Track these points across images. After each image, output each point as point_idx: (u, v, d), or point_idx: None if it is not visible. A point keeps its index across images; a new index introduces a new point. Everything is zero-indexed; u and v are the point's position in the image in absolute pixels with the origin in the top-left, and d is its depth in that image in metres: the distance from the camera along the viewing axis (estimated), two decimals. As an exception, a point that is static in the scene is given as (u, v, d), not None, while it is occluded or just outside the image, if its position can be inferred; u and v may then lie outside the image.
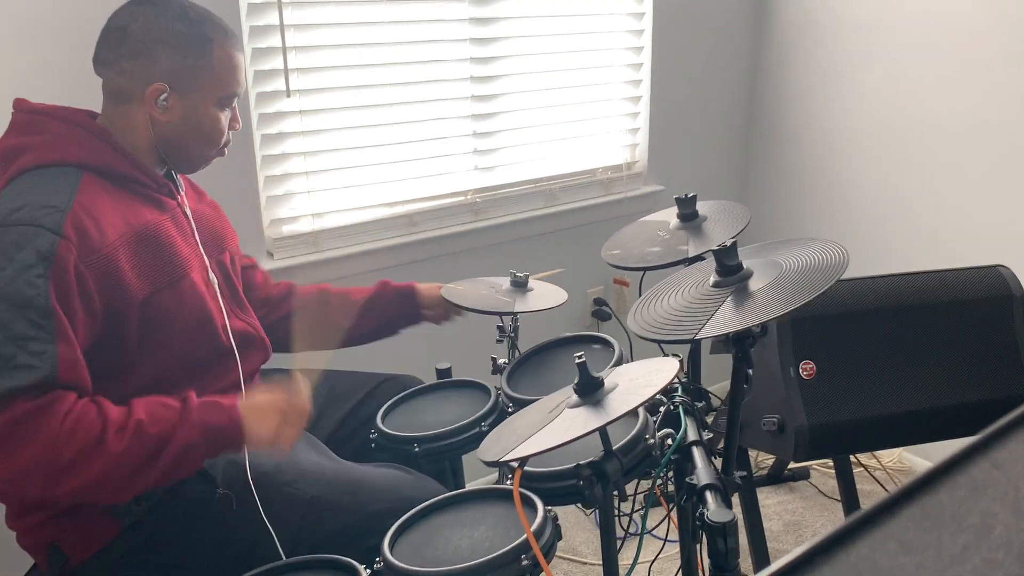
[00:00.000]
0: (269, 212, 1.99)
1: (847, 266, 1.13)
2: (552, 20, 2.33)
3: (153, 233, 1.31)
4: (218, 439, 1.22)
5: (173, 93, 1.31)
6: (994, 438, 0.46)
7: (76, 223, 1.19)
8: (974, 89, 2.24)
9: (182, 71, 1.31)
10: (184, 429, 1.19)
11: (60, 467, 1.12)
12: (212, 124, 1.36)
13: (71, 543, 1.29)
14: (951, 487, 0.43)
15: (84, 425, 1.13)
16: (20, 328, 1.13)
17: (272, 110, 1.93)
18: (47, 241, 1.16)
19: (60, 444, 1.11)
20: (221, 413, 1.23)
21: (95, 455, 1.13)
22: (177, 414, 1.20)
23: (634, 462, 1.19)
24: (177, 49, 1.30)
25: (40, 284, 1.14)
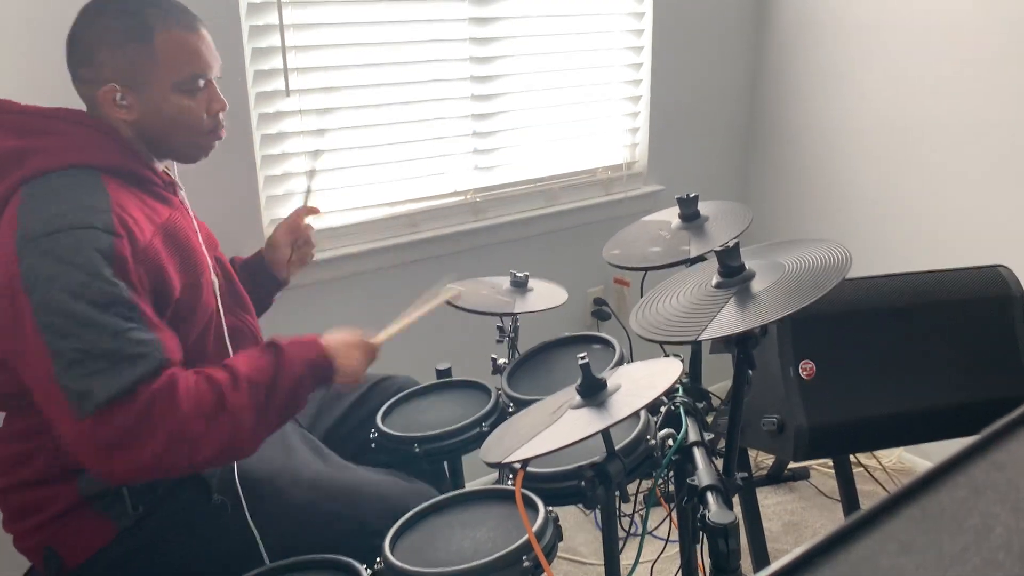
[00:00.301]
0: (269, 212, 1.99)
1: (850, 267, 1.13)
2: (552, 20, 2.33)
3: (174, 229, 1.32)
4: (316, 373, 1.30)
5: (127, 90, 1.27)
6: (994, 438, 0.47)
7: (121, 221, 1.19)
8: (974, 89, 2.24)
9: (126, 67, 1.27)
10: (287, 368, 1.26)
11: (194, 439, 1.17)
12: (180, 111, 1.31)
13: (67, 546, 1.29)
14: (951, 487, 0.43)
15: (202, 396, 1.19)
16: (114, 324, 1.14)
17: (272, 110, 1.93)
18: (105, 241, 1.16)
19: (189, 420, 1.16)
20: (311, 349, 1.31)
21: (221, 419, 1.18)
22: (274, 358, 1.27)
23: (636, 463, 1.19)
24: (117, 46, 1.26)
25: (116, 282, 1.15)
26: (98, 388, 1.12)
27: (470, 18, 2.17)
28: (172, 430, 1.14)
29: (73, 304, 1.12)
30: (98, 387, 1.12)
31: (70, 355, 1.12)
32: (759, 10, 2.73)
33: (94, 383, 1.12)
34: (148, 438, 1.14)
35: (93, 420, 1.12)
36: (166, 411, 1.14)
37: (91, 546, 1.29)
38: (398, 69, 2.08)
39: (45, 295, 1.12)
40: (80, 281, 1.13)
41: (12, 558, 1.40)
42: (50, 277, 1.13)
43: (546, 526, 1.11)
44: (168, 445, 1.15)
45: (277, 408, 1.24)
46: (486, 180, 2.32)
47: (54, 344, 1.12)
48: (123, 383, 1.12)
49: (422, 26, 2.10)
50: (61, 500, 1.27)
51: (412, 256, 2.18)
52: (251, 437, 1.23)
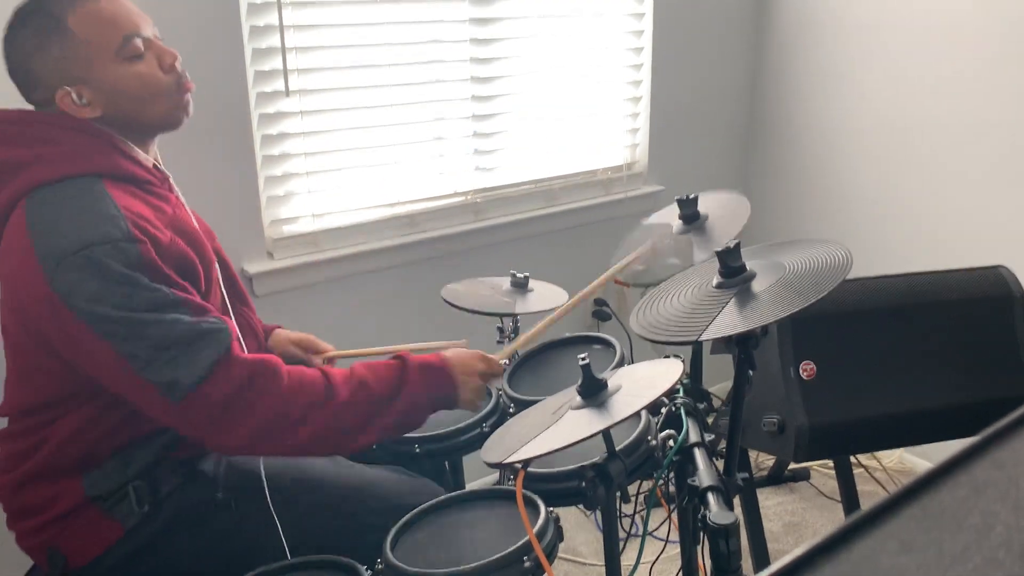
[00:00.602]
0: (269, 212, 1.99)
1: (851, 268, 1.13)
2: (552, 20, 2.33)
3: (181, 225, 1.31)
4: (438, 401, 1.31)
5: (78, 87, 1.23)
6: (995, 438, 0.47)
7: (138, 226, 1.19)
8: (974, 89, 2.24)
9: (61, 66, 1.22)
10: (408, 390, 1.27)
11: (292, 420, 1.19)
12: (135, 80, 1.25)
13: (71, 547, 1.28)
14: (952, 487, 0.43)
15: (308, 380, 1.21)
16: (172, 318, 1.16)
17: (272, 110, 1.93)
18: (132, 252, 1.15)
19: (290, 397, 1.18)
20: (437, 377, 1.31)
21: (321, 410, 1.20)
22: (398, 373, 1.28)
23: (637, 463, 1.19)
24: (39, 52, 1.21)
25: (157, 288, 1.16)
26: (183, 375, 1.15)
27: (470, 19, 2.17)
28: (275, 405, 1.18)
29: (128, 314, 1.14)
30: (182, 375, 1.15)
31: (144, 354, 1.14)
32: (759, 10, 2.73)
33: (177, 372, 1.15)
34: (247, 413, 1.18)
35: (186, 403, 1.16)
36: (266, 386, 1.18)
37: (96, 546, 1.28)
38: (398, 70, 2.08)
39: (95, 312, 1.13)
40: (124, 294, 1.14)
41: (12, 558, 1.40)
42: (92, 296, 1.13)
43: (547, 526, 1.11)
44: (263, 425, 1.18)
45: (389, 419, 1.26)
46: (486, 180, 2.32)
47: (123, 348, 1.14)
48: (205, 363, 1.16)
49: (422, 27, 2.10)
50: (66, 499, 1.27)
51: (412, 256, 2.18)
52: (352, 437, 1.24)
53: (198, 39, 1.76)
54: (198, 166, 1.79)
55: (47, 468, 1.27)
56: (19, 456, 1.29)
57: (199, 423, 1.18)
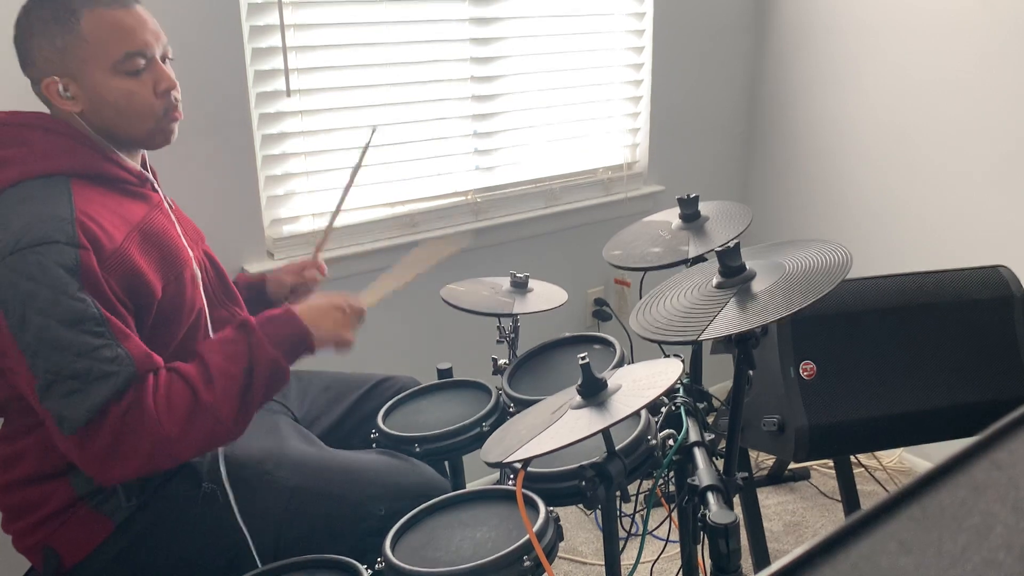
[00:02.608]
0: (269, 212, 1.99)
1: (850, 268, 1.13)
2: (552, 20, 2.33)
3: (152, 228, 1.31)
4: (292, 347, 1.29)
5: (68, 80, 1.24)
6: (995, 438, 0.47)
7: (85, 230, 1.18)
8: (974, 89, 2.24)
9: (59, 55, 1.23)
10: (261, 351, 1.25)
11: (174, 441, 1.18)
12: (123, 95, 1.26)
13: (64, 544, 1.29)
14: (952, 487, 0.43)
15: (175, 397, 1.19)
16: (84, 341, 1.14)
17: (272, 110, 1.93)
18: (70, 255, 1.15)
19: (164, 424, 1.17)
20: (284, 324, 1.29)
21: (198, 415, 1.20)
22: (246, 343, 1.26)
23: (636, 463, 1.19)
24: (45, 36, 1.23)
25: (83, 297, 1.15)
26: (71, 411, 1.14)
27: (471, 18, 2.17)
28: (150, 439, 1.17)
29: (44, 324, 1.13)
30: (71, 410, 1.14)
31: (45, 377, 1.14)
32: (759, 10, 2.73)
33: (67, 406, 1.14)
34: (131, 449, 1.17)
35: (77, 438, 1.16)
36: (139, 422, 1.16)
37: (88, 543, 1.29)
38: (398, 70, 2.08)
39: (18, 315, 1.14)
40: (48, 299, 1.13)
41: (12, 559, 1.40)
42: (20, 296, 1.13)
43: (547, 526, 1.11)
44: (151, 452, 1.18)
45: (258, 390, 1.25)
46: (487, 180, 2.32)
47: (33, 365, 1.14)
48: (93, 404, 1.14)
49: (423, 26, 2.10)
50: (56, 498, 1.28)
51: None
52: (235, 422, 1.23)
53: (198, 39, 1.76)
54: (198, 165, 1.79)
55: (38, 470, 1.28)
56: (7, 460, 1.30)
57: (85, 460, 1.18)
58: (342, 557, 1.17)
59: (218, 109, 1.83)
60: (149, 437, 1.17)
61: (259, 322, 1.29)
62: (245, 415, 1.25)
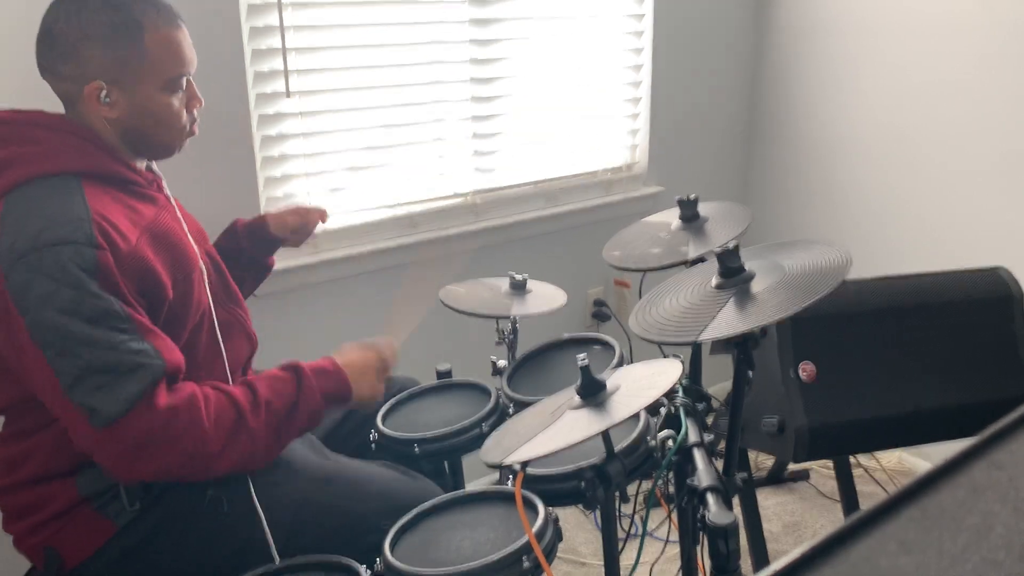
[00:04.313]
0: (270, 213, 1.99)
1: (850, 269, 1.13)
2: (552, 21, 2.33)
3: (159, 229, 1.31)
4: (334, 401, 1.35)
5: (113, 87, 1.25)
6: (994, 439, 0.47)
7: (102, 231, 1.18)
8: (974, 90, 2.24)
9: (116, 64, 1.24)
10: (307, 397, 1.30)
11: (212, 455, 1.20)
12: (164, 110, 1.30)
13: (66, 546, 1.29)
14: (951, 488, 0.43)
15: (223, 413, 1.22)
16: (109, 338, 1.15)
17: (272, 111, 1.93)
18: (88, 256, 1.15)
19: (210, 437, 1.20)
20: (331, 379, 1.34)
21: (239, 439, 1.23)
22: (295, 386, 1.31)
23: (636, 464, 1.19)
24: (105, 41, 1.23)
25: (104, 296, 1.15)
26: (104, 404, 1.14)
27: (470, 20, 2.17)
28: (192, 445, 1.19)
29: (67, 323, 1.13)
30: (104, 404, 1.14)
31: (73, 372, 1.14)
32: (759, 11, 2.73)
33: (99, 400, 1.14)
34: (167, 450, 1.18)
35: (108, 432, 1.15)
36: (189, 426, 1.18)
37: (90, 545, 1.29)
38: (398, 71, 2.08)
39: (37, 315, 1.13)
40: (69, 298, 1.13)
41: (12, 559, 1.40)
42: (39, 296, 1.13)
43: (546, 527, 1.11)
44: (186, 459, 1.19)
45: (293, 431, 1.30)
46: (486, 181, 2.32)
47: (55, 363, 1.14)
48: (126, 396, 1.15)
49: (422, 28, 2.10)
50: (59, 499, 1.27)
51: (412, 256, 2.18)
52: (265, 454, 1.27)
53: (198, 39, 1.75)
54: (198, 167, 1.79)
55: (43, 471, 1.28)
56: (12, 461, 1.30)
57: (113, 455, 1.18)
58: (342, 558, 1.17)
59: (218, 110, 1.82)
60: (190, 444, 1.18)
61: (309, 370, 1.33)
62: (274, 451, 1.29)
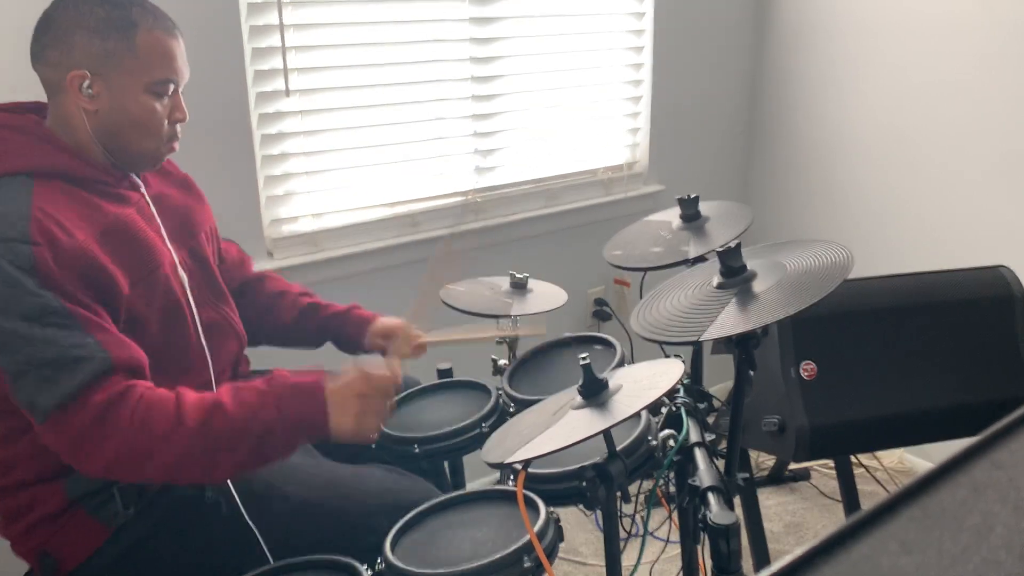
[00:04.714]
0: (269, 212, 1.99)
1: (852, 268, 1.13)
2: (553, 20, 2.33)
3: (121, 227, 1.28)
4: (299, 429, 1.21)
5: (96, 79, 1.24)
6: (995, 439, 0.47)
7: (41, 228, 1.16)
8: (974, 90, 2.24)
9: (102, 55, 1.24)
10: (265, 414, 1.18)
11: (140, 454, 1.15)
12: (145, 112, 1.28)
13: (61, 549, 1.28)
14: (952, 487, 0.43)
15: (156, 412, 1.16)
16: (49, 334, 1.13)
17: (272, 110, 1.93)
18: (23, 252, 1.14)
19: (135, 434, 1.14)
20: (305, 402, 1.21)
21: (169, 441, 1.15)
22: (257, 395, 1.20)
23: (637, 463, 1.19)
24: (96, 32, 1.23)
25: (42, 293, 1.14)
26: (43, 400, 1.13)
27: (470, 18, 2.17)
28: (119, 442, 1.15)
29: (4, 321, 1.12)
30: (43, 399, 1.13)
31: (14, 368, 1.13)
32: (759, 10, 2.73)
33: (40, 395, 1.13)
34: (99, 445, 1.15)
35: (48, 425, 1.14)
36: (113, 423, 1.14)
37: (85, 548, 1.28)
38: (398, 69, 2.08)
39: None
40: (4, 297, 1.12)
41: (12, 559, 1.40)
42: None
43: (547, 527, 1.11)
44: (116, 455, 1.15)
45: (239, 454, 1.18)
46: (487, 180, 2.32)
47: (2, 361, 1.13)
48: (66, 390, 1.13)
49: (422, 26, 2.10)
50: (50, 502, 1.27)
51: (412, 256, 2.18)
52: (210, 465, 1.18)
53: (198, 39, 1.75)
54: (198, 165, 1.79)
55: (32, 474, 1.27)
56: (3, 464, 1.28)
57: (58, 448, 1.17)
58: (342, 558, 1.17)
59: (217, 109, 1.83)
60: (118, 440, 1.14)
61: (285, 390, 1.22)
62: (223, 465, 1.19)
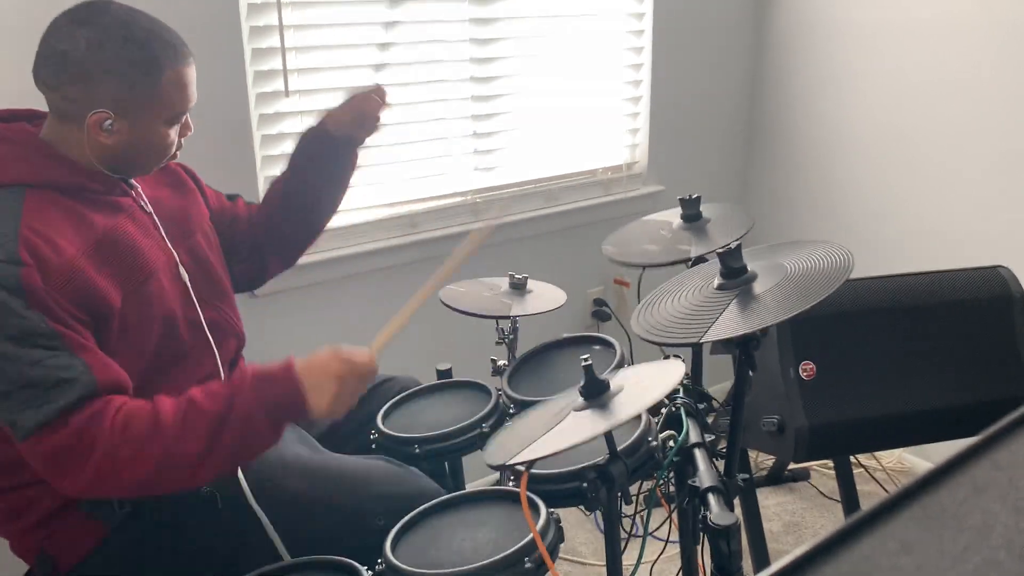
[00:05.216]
0: (270, 213, 1.99)
1: (852, 269, 1.13)
2: (552, 20, 2.33)
3: (112, 238, 1.27)
4: (282, 410, 1.20)
5: (118, 119, 1.24)
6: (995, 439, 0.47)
7: (29, 247, 1.15)
8: (974, 89, 2.24)
9: (127, 99, 1.23)
10: (241, 401, 1.18)
11: (122, 463, 1.14)
12: (161, 140, 1.30)
13: (59, 548, 1.28)
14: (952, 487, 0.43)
15: (135, 420, 1.15)
16: (35, 355, 1.13)
17: (272, 110, 1.93)
18: (11, 274, 1.12)
19: (116, 444, 1.14)
20: (277, 384, 1.21)
21: (151, 444, 1.15)
22: (229, 386, 1.20)
23: (638, 464, 1.19)
24: (123, 78, 1.22)
25: (29, 315, 1.13)
26: (25, 419, 1.13)
27: (470, 19, 2.17)
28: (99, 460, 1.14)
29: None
30: (25, 418, 1.13)
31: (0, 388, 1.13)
32: (759, 11, 2.73)
33: (21, 414, 1.13)
34: (82, 463, 1.14)
35: (28, 444, 1.14)
36: (93, 440, 1.14)
37: (83, 547, 1.28)
38: (398, 70, 2.08)
39: None
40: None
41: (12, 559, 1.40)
42: None
43: (548, 527, 1.11)
44: (98, 469, 1.14)
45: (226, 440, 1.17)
46: (486, 180, 2.32)
47: None
48: (48, 412, 1.12)
49: (422, 27, 2.10)
50: (47, 501, 1.27)
51: (412, 256, 2.18)
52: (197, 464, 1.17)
53: (198, 39, 1.75)
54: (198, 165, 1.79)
55: (30, 476, 1.25)
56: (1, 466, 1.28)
57: (39, 467, 1.17)
58: (342, 558, 1.17)
59: (218, 109, 1.82)
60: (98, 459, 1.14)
61: (254, 376, 1.21)
62: (212, 460, 1.18)
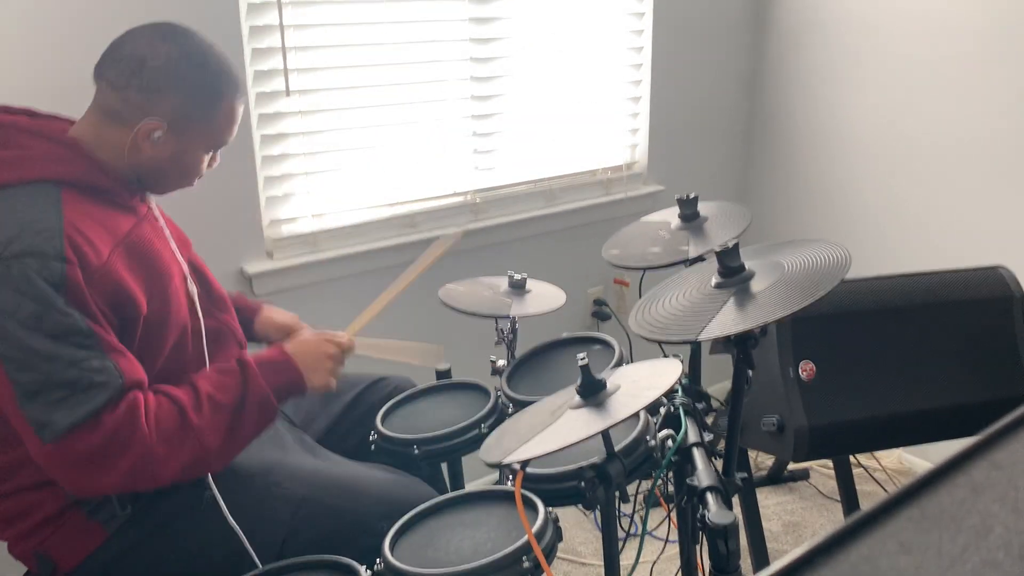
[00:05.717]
0: (269, 212, 1.99)
1: (849, 268, 1.13)
2: (552, 20, 2.33)
3: (137, 241, 1.29)
4: (286, 392, 1.34)
5: (169, 133, 1.28)
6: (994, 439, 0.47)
7: (73, 244, 1.17)
8: (974, 90, 2.24)
9: (184, 117, 1.28)
10: (254, 390, 1.28)
11: (158, 461, 1.19)
12: (196, 165, 1.35)
13: (58, 551, 1.28)
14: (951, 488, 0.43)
15: (164, 417, 1.21)
16: (71, 355, 1.15)
17: (272, 110, 1.93)
18: (56, 270, 1.14)
19: (152, 444, 1.18)
20: (280, 370, 1.33)
21: (185, 440, 1.21)
22: (241, 379, 1.29)
23: (635, 463, 1.19)
24: (188, 97, 1.27)
25: (69, 311, 1.15)
26: (58, 418, 1.14)
27: (470, 18, 2.17)
28: (137, 455, 1.18)
29: (28, 337, 1.13)
30: (58, 417, 1.14)
31: (30, 386, 1.14)
32: (759, 10, 2.73)
33: (54, 413, 1.14)
34: (114, 463, 1.17)
35: (56, 446, 1.15)
36: (129, 437, 1.17)
37: (82, 550, 1.28)
38: (398, 69, 2.08)
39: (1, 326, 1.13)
40: (33, 313, 1.13)
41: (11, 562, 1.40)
42: (2, 308, 1.12)
43: (546, 527, 1.11)
44: (133, 468, 1.18)
45: (247, 426, 1.28)
46: (486, 180, 2.32)
47: (13, 375, 1.13)
48: (82, 413, 1.15)
49: (422, 26, 2.10)
50: (48, 504, 1.27)
51: (412, 256, 2.16)
52: (218, 454, 1.25)
53: (197, 39, 1.76)
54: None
55: (31, 481, 1.26)
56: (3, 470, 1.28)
57: (60, 471, 1.18)
58: (341, 558, 1.17)
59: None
60: (134, 455, 1.17)
61: (256, 362, 1.32)
62: (230, 448, 1.27)
